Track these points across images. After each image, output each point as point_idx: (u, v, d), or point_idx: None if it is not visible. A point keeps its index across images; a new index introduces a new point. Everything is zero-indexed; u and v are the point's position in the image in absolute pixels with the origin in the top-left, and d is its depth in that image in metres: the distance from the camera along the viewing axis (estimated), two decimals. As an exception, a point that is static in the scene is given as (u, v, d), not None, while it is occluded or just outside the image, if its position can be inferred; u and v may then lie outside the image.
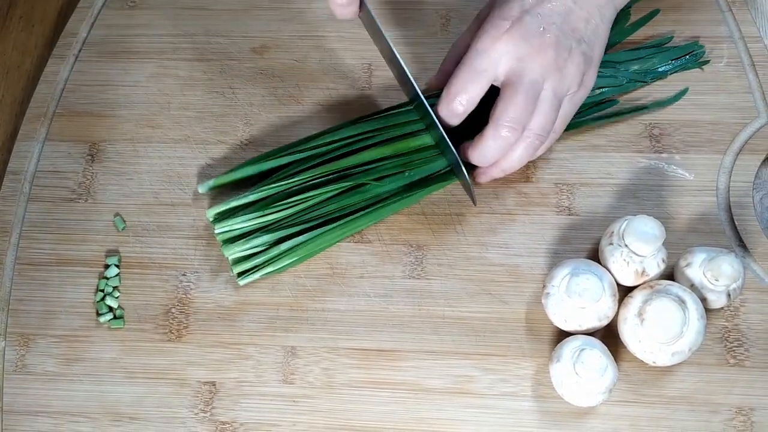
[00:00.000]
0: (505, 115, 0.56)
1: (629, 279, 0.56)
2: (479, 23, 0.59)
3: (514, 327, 0.59)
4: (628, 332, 0.55)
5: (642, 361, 0.55)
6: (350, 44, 0.70)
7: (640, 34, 0.68)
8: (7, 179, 0.66)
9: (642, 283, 0.56)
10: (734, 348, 0.57)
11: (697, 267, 0.56)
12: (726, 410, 0.55)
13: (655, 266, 0.56)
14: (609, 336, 0.57)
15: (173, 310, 0.60)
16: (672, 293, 0.54)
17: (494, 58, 0.56)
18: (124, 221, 0.64)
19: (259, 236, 0.59)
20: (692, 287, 0.56)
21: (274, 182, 0.61)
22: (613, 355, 0.55)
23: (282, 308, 0.60)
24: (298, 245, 0.60)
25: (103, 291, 0.61)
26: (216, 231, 0.60)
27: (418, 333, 0.59)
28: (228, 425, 0.57)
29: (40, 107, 0.69)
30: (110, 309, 0.60)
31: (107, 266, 0.62)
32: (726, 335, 0.57)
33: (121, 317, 0.60)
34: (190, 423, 0.57)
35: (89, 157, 0.66)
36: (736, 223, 0.61)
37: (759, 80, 0.65)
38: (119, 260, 0.62)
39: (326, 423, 0.56)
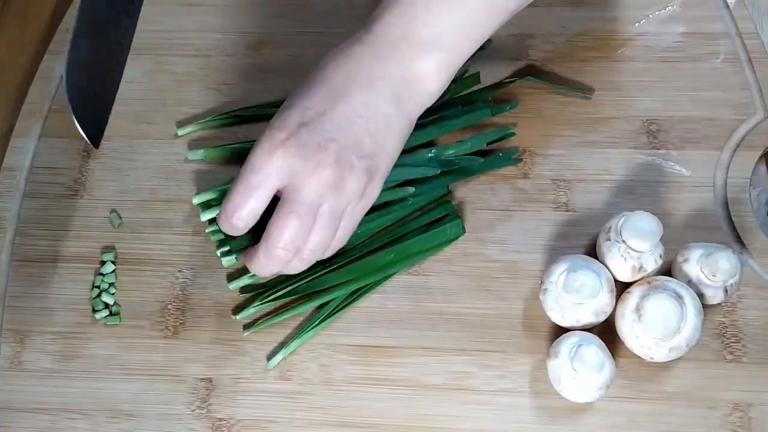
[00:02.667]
0: (279, 237, 0.52)
1: (627, 275, 0.56)
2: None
3: (512, 323, 0.58)
4: (625, 328, 0.55)
5: (639, 357, 0.55)
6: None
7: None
8: (2, 175, 0.66)
9: (639, 279, 0.56)
10: (731, 344, 0.57)
11: (695, 263, 0.56)
12: (723, 406, 0.55)
13: (652, 262, 0.56)
14: (606, 332, 0.56)
15: (169, 306, 0.60)
16: (669, 289, 0.54)
17: (269, 173, 0.51)
18: (121, 217, 0.63)
19: None
20: (689, 283, 0.56)
21: None
22: (610, 350, 0.54)
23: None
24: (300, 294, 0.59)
25: (99, 287, 0.61)
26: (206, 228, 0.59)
27: (416, 329, 0.58)
28: (225, 422, 0.56)
29: (35, 103, 0.69)
30: (106, 305, 0.60)
31: (103, 263, 0.61)
32: (723, 331, 0.57)
33: (117, 314, 0.60)
34: (186, 419, 0.57)
35: (85, 154, 0.66)
36: (733, 219, 0.61)
37: (756, 76, 0.65)
38: (115, 256, 0.62)
39: (324, 419, 0.56)
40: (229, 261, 0.58)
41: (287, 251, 0.53)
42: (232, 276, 0.60)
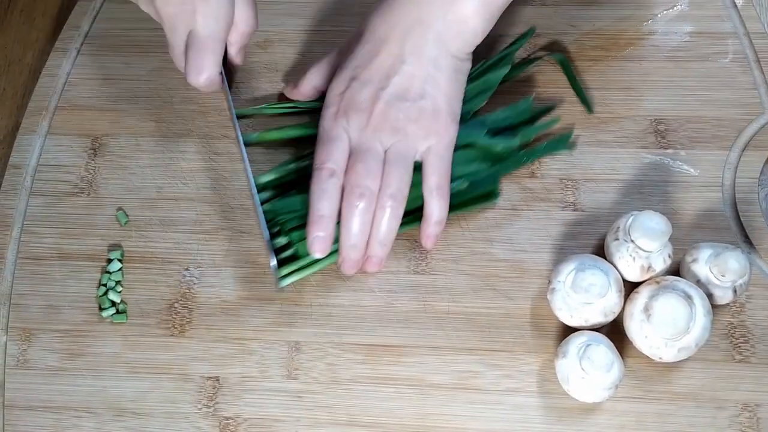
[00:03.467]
0: (349, 185, 0.56)
1: (635, 274, 0.56)
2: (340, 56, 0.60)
3: (519, 323, 0.58)
4: (634, 328, 0.54)
5: (648, 357, 0.55)
6: (354, 39, 0.69)
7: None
8: (8, 173, 0.65)
9: (648, 279, 0.56)
10: (740, 344, 0.57)
11: (703, 263, 0.56)
12: (732, 406, 0.55)
13: (661, 262, 0.56)
14: (614, 332, 0.56)
15: (176, 304, 0.60)
16: (678, 289, 0.54)
17: (339, 133, 0.57)
18: (127, 215, 0.63)
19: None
20: (698, 283, 0.56)
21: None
22: (618, 350, 0.54)
23: (286, 303, 0.60)
24: None
25: (105, 285, 0.60)
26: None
27: (423, 328, 0.58)
28: (231, 420, 0.56)
29: (41, 101, 0.68)
30: (113, 303, 0.60)
31: (110, 261, 0.61)
32: (732, 331, 0.57)
33: (123, 312, 0.60)
34: (193, 418, 0.56)
35: (91, 151, 0.66)
36: (742, 219, 0.60)
37: (764, 76, 0.65)
38: (122, 254, 0.62)
39: (330, 419, 0.56)
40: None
41: (362, 195, 0.55)
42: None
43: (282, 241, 0.59)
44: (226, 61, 0.61)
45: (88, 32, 0.71)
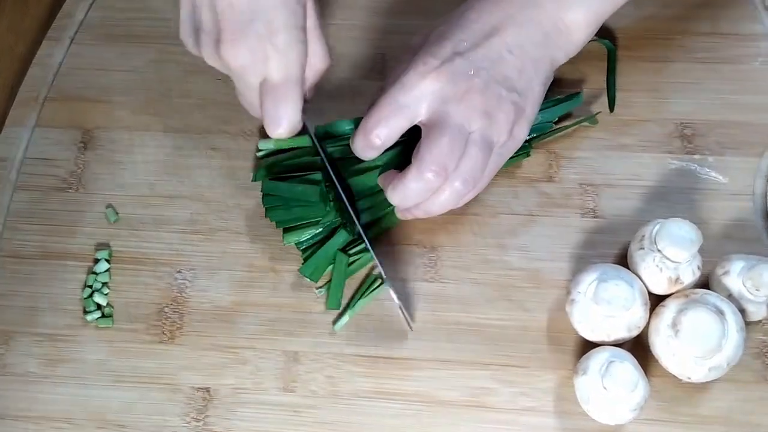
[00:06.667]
0: (429, 156, 0.52)
1: (662, 287, 0.52)
2: (411, 53, 0.55)
3: (536, 336, 0.55)
4: (660, 344, 0.50)
5: (674, 377, 0.51)
6: (364, 33, 0.66)
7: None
8: (-7, 166, 0.62)
9: (675, 292, 0.52)
10: (773, 364, 0.53)
11: (736, 276, 0.52)
12: (764, 431, 0.51)
13: (690, 274, 0.52)
14: (638, 348, 0.53)
15: (166, 309, 0.57)
16: (709, 303, 0.50)
17: (418, 95, 0.53)
18: (117, 213, 0.60)
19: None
20: (730, 297, 0.52)
21: None
22: (642, 369, 0.50)
23: (284, 310, 0.56)
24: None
25: (91, 287, 0.57)
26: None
27: (432, 340, 0.55)
28: (222, 436, 0.53)
29: (31, 91, 0.66)
30: (98, 306, 0.57)
31: (97, 261, 0.58)
32: (765, 350, 0.53)
33: (109, 316, 0.56)
34: (181, 432, 0.53)
35: (82, 145, 0.63)
36: (774, 230, 0.57)
37: (797, 80, 0.62)
38: (110, 254, 0.58)
39: (330, 436, 0.52)
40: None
41: (437, 173, 0.52)
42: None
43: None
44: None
45: (83, 21, 0.69)
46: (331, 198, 0.56)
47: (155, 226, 0.59)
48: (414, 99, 0.52)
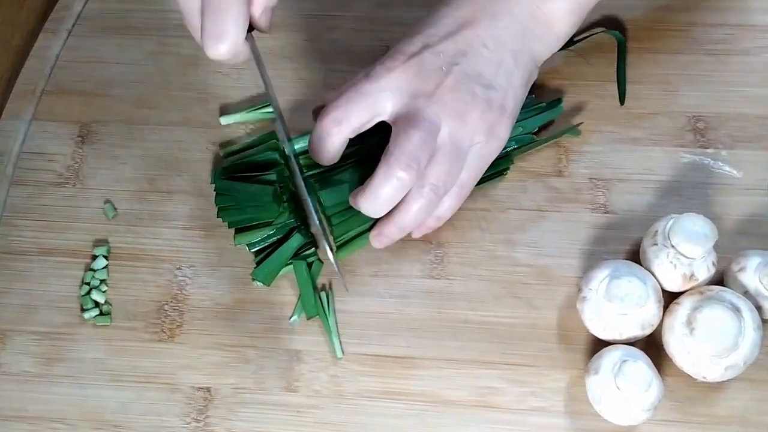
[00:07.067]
0: (398, 150, 0.48)
1: (676, 283, 0.51)
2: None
3: (545, 334, 0.53)
4: (674, 343, 0.49)
5: (689, 376, 0.49)
6: (367, 24, 0.65)
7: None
8: (-12, 160, 0.61)
9: (690, 289, 0.51)
10: (790, 363, 0.51)
11: (752, 272, 0.51)
12: (781, 432, 0.50)
13: (704, 270, 0.51)
14: (651, 347, 0.51)
15: (166, 307, 0.55)
16: (725, 300, 0.48)
17: (383, 87, 0.50)
18: (115, 208, 0.58)
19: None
20: (746, 294, 0.50)
21: None
22: (656, 368, 0.49)
23: (286, 307, 0.55)
24: None
25: (89, 284, 0.56)
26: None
27: (438, 339, 0.53)
28: (223, 437, 0.51)
29: (28, 84, 0.64)
30: (96, 304, 0.55)
31: (94, 257, 0.57)
32: (781, 349, 0.52)
33: (107, 313, 0.55)
34: (180, 433, 0.51)
35: (79, 139, 0.61)
36: (790, 225, 0.55)
37: (811, 72, 0.60)
38: (108, 251, 0.57)
39: (333, 437, 0.51)
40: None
41: (409, 167, 0.48)
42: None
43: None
44: (250, 28, 0.51)
45: (81, 13, 0.67)
46: (285, 199, 0.55)
47: (154, 221, 0.58)
48: (378, 90, 0.50)
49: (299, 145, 0.56)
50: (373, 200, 0.49)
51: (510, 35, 0.52)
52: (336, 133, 0.50)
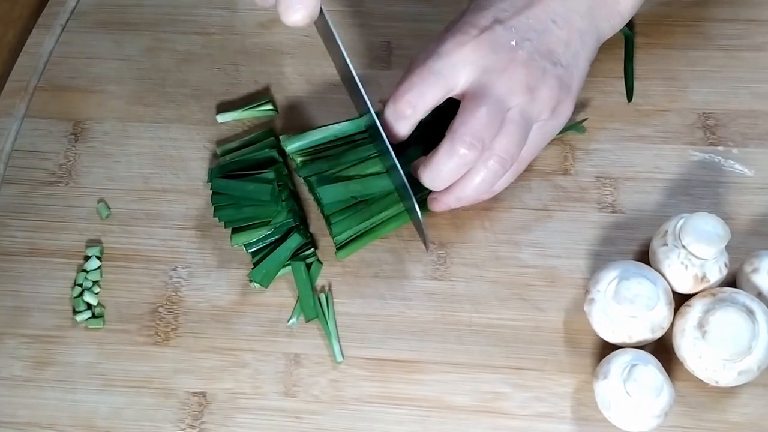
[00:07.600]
0: (464, 128, 0.49)
1: (687, 285, 0.49)
2: (445, 32, 0.52)
3: (551, 337, 0.52)
4: (686, 346, 0.47)
5: (701, 381, 0.48)
6: (368, 20, 0.64)
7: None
8: (-21, 158, 0.59)
9: (701, 290, 0.49)
10: (805, 368, 0.50)
11: (766, 273, 0.49)
12: (796, 440, 0.48)
13: (716, 271, 0.49)
14: (661, 350, 0.49)
15: (161, 309, 0.54)
16: (738, 302, 0.47)
17: (455, 63, 0.50)
18: (109, 208, 0.57)
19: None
20: (759, 296, 0.49)
21: None
22: (666, 372, 0.47)
23: (285, 310, 0.53)
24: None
25: (81, 286, 0.55)
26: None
27: (441, 342, 0.52)
28: (219, 443, 0.50)
29: (20, 81, 0.63)
30: (89, 306, 0.54)
31: (87, 258, 0.55)
32: (796, 353, 0.50)
33: (100, 316, 0.54)
34: (175, 439, 0.50)
35: (72, 137, 0.60)
36: (804, 225, 0.54)
37: (825, 68, 0.59)
38: (101, 251, 0.56)
39: (333, 443, 0.50)
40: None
41: (472, 147, 0.49)
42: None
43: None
44: None
45: (75, 8, 0.66)
46: (283, 197, 0.54)
47: (149, 221, 0.57)
48: (450, 68, 0.50)
49: (297, 144, 0.54)
50: (436, 174, 0.50)
51: (579, 14, 0.52)
52: (411, 116, 0.51)
